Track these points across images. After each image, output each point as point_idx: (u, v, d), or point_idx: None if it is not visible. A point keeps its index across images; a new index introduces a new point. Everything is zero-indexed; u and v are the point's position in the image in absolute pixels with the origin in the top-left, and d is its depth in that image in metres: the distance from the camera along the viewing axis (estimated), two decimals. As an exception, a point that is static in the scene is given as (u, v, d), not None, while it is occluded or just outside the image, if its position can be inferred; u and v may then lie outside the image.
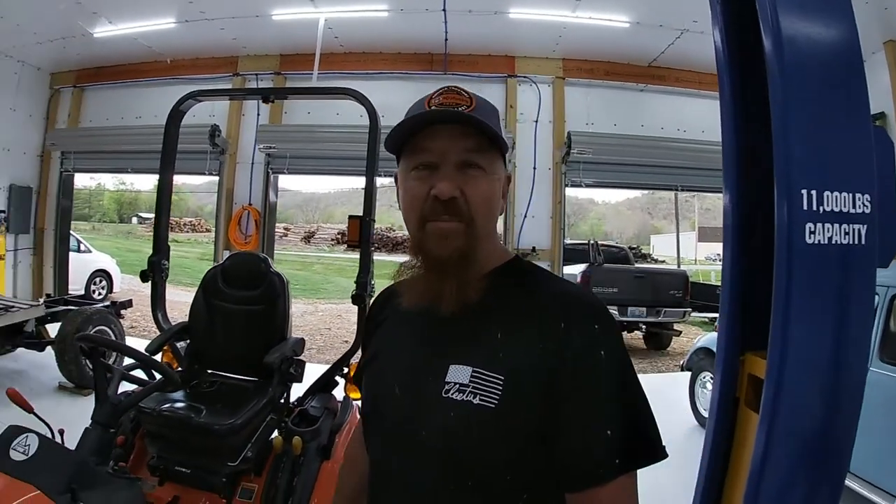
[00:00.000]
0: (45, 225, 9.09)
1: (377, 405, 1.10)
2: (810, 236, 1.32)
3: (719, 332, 1.59)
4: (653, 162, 7.51)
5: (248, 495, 2.46)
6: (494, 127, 0.99)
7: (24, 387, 5.58)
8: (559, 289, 1.02)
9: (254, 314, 2.96)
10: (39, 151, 9.02)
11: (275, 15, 6.96)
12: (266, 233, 8.18)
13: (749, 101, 1.55)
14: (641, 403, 0.93)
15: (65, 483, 1.53)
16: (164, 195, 3.23)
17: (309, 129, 7.59)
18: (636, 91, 7.97)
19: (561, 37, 7.23)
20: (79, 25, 7.32)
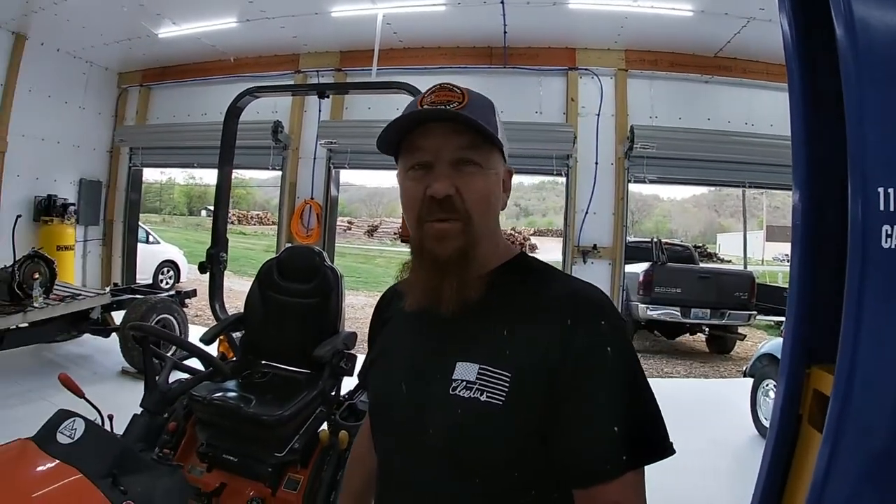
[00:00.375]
0: (114, 217, 9.55)
1: (384, 403, 1.11)
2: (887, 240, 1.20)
3: (784, 342, 1.49)
4: (719, 157, 7.19)
5: (294, 486, 2.48)
6: (489, 122, 0.99)
7: (89, 371, 5.94)
8: (566, 285, 1.01)
9: (307, 307, 3.00)
10: (108, 147, 9.48)
11: (334, 12, 7.03)
12: (327, 226, 8.31)
13: (821, 93, 1.47)
14: (648, 400, 0.92)
15: (107, 468, 1.55)
16: (223, 189, 3.32)
17: (369, 125, 7.63)
18: (701, 83, 7.65)
19: (623, 27, 7.01)
20: (143, 27, 7.61)
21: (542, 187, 50.69)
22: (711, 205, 49.85)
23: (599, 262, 7.43)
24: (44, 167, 8.39)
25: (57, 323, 5.72)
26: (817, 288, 1.42)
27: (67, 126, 8.71)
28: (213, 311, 3.23)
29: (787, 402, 1.44)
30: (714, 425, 5.27)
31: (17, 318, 5.19)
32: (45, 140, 8.34)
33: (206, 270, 3.20)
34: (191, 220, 42.29)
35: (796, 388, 1.43)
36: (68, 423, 1.65)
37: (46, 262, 5.60)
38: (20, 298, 5.32)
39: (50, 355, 6.37)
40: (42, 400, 4.85)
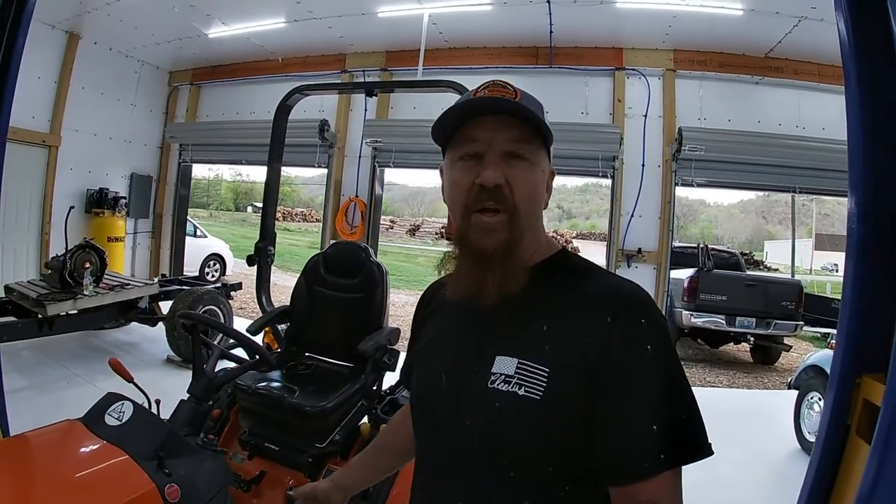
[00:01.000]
0: (163, 210, 9.87)
1: (425, 395, 1.12)
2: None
3: (836, 349, 1.46)
4: (769, 161, 6.96)
5: None
6: (540, 117, 1.00)
7: (135, 358, 6.14)
8: (606, 282, 1.01)
9: (352, 301, 3.04)
10: (159, 143, 9.81)
11: (380, 12, 7.10)
12: (371, 224, 8.41)
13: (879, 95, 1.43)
14: (688, 399, 0.91)
15: (153, 450, 1.60)
16: (272, 185, 3.39)
17: (414, 124, 7.67)
18: (751, 84, 7.44)
19: (671, 26, 6.88)
20: (194, 27, 7.82)
21: (585, 189, 50.21)
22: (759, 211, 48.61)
23: (644, 267, 7.33)
24: (96, 161, 8.71)
25: (106, 311, 5.96)
26: (871, 295, 1.39)
27: (119, 122, 9.04)
28: (260, 303, 3.32)
29: (836, 412, 1.41)
30: (756, 437, 5.16)
31: (68, 305, 5.41)
32: (97, 135, 8.67)
33: (255, 263, 3.28)
34: (237, 215, 43.25)
35: (846, 396, 1.40)
36: (116, 405, 1.71)
37: (97, 252, 5.85)
38: (71, 286, 5.56)
39: (97, 342, 6.63)
40: (89, 384, 5.09)
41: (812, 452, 1.47)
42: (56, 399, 4.71)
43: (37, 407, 4.26)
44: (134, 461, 1.54)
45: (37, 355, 5.72)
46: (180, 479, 1.58)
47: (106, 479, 1.48)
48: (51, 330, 5.37)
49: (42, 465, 1.50)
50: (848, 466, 1.38)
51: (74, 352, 6.11)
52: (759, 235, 45.86)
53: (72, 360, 5.81)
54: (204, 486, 1.65)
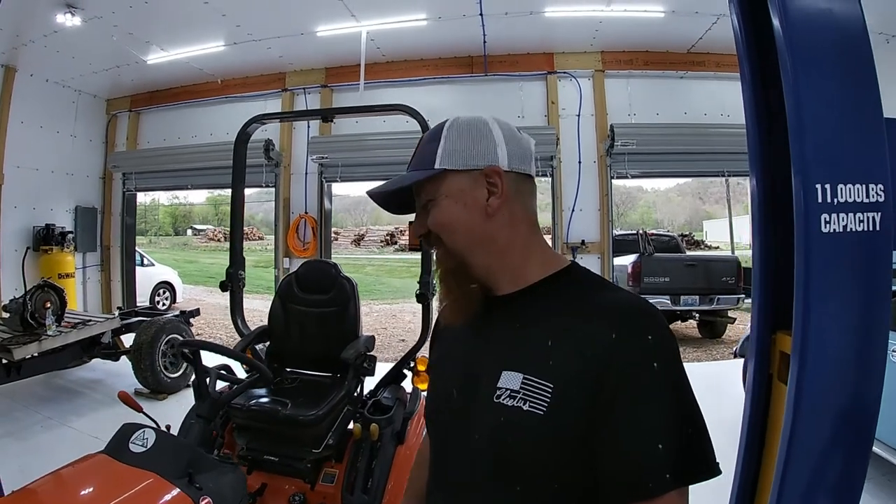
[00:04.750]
0: (110, 242, 9.64)
1: (435, 408, 1.16)
2: (826, 226, 1.46)
3: (752, 313, 1.73)
4: (698, 149, 7.44)
5: (331, 479, 2.72)
6: (422, 156, 1.09)
7: (103, 394, 6.06)
8: (612, 297, 1.00)
9: (327, 316, 3.23)
10: (101, 174, 9.56)
11: (319, 31, 7.24)
12: (323, 239, 8.50)
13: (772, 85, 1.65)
14: (695, 418, 0.91)
15: (182, 468, 1.74)
16: (237, 212, 3.52)
17: (358, 138, 7.85)
18: (676, 79, 7.94)
19: (598, 31, 7.29)
20: (132, 54, 7.76)
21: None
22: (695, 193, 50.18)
23: (588, 257, 7.66)
24: (40, 197, 8.48)
25: (70, 349, 5.87)
26: (777, 264, 1.65)
27: (60, 155, 8.82)
28: (236, 325, 3.44)
29: (759, 364, 1.69)
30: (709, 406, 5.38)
31: (33, 347, 5.32)
32: (39, 170, 8.44)
33: (227, 289, 3.41)
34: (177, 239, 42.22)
35: (765, 350, 1.68)
36: (139, 433, 1.83)
37: (56, 291, 5.78)
38: (33, 328, 5.48)
39: (61, 382, 6.47)
40: (64, 426, 5.05)
41: (744, 400, 1.76)
42: (34, 444, 4.66)
43: (17, 453, 4.26)
44: (167, 481, 1.67)
45: (5, 402, 5.58)
46: (210, 491, 1.73)
47: (148, 500, 1.62)
48: (18, 374, 5.29)
49: (84, 496, 1.63)
50: (775, 406, 1.65)
51: (41, 395, 6.01)
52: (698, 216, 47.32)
53: (40, 403, 5.72)
54: (230, 496, 1.81)
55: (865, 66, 1.57)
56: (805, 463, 1.49)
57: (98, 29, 6.75)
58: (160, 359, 6.07)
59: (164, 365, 6.13)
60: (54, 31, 6.76)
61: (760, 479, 1.69)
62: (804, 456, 1.49)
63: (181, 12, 6.66)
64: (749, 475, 1.71)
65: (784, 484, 1.49)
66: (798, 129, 1.52)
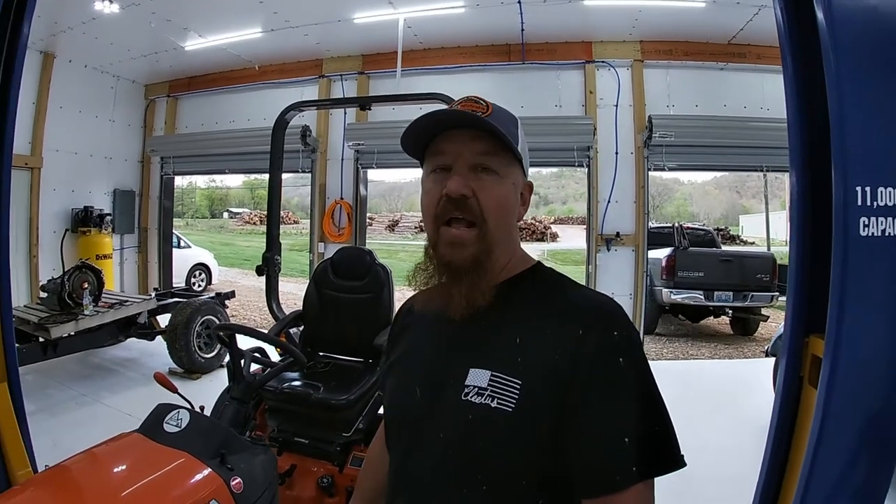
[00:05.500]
0: (148, 224, 9.93)
1: (398, 407, 1.14)
2: (864, 229, 1.44)
3: (786, 315, 1.71)
4: (736, 143, 7.30)
5: (359, 463, 2.74)
6: (509, 133, 1.02)
7: (137, 373, 6.24)
8: (579, 295, 1.02)
9: (361, 302, 3.28)
10: (139, 157, 9.87)
11: (356, 18, 7.28)
12: (358, 224, 8.60)
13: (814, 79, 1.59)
14: (660, 411, 0.93)
15: (214, 449, 1.78)
16: (275, 197, 3.59)
17: (394, 125, 7.84)
18: (716, 70, 7.77)
19: (637, 20, 7.18)
20: (170, 40, 7.93)
21: (560, 175, 50.23)
22: (732, 186, 49.15)
23: (623, 250, 7.61)
24: (78, 180, 8.75)
25: (107, 329, 6.05)
26: (813, 266, 1.61)
27: (99, 139, 9.10)
28: (271, 310, 3.53)
29: (791, 367, 1.67)
30: (738, 404, 5.41)
31: (70, 327, 5.49)
32: (78, 154, 8.73)
33: (264, 273, 3.49)
34: (213, 222, 42.79)
35: (797, 353, 1.66)
36: (173, 414, 1.88)
37: (94, 272, 5.96)
38: (71, 307, 5.67)
39: (97, 360, 6.67)
40: (97, 403, 5.22)
41: (773, 403, 1.74)
42: (68, 420, 4.79)
43: (50, 429, 4.37)
44: (199, 460, 1.72)
45: (41, 379, 5.76)
46: (241, 472, 1.78)
47: (180, 479, 1.67)
48: (55, 352, 5.46)
49: (118, 473, 1.69)
50: (804, 410, 1.64)
51: (77, 372, 6.18)
52: (734, 210, 46.34)
53: (75, 380, 5.89)
54: (260, 477, 1.85)
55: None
56: (830, 467, 1.48)
57: (136, 16, 6.91)
58: (195, 339, 6.21)
59: (199, 346, 6.28)
60: (92, 18, 6.94)
61: (785, 481, 1.68)
62: (830, 460, 1.48)
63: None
64: (774, 476, 1.71)
65: (808, 487, 1.48)
66: (840, 128, 1.49)
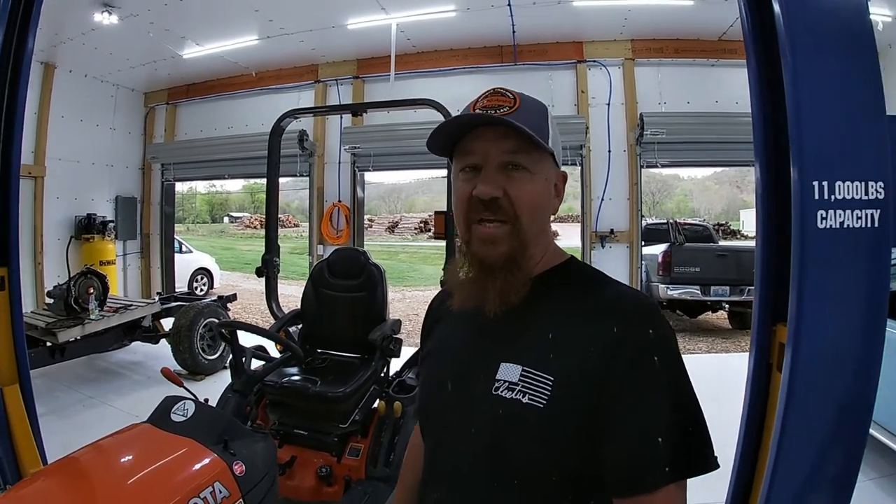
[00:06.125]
0: (150, 230, 10.04)
1: (431, 400, 1.13)
2: (822, 222, 1.52)
3: (754, 306, 1.79)
4: (730, 138, 7.27)
5: (356, 453, 2.90)
6: (540, 127, 1.00)
7: (143, 375, 6.31)
8: (614, 291, 0.99)
9: (357, 300, 3.40)
10: (140, 164, 9.99)
11: (350, 24, 7.39)
12: (356, 226, 8.71)
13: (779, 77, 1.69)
14: (694, 412, 0.90)
15: (218, 436, 1.90)
16: (272, 201, 3.69)
17: (389, 129, 8.00)
18: (707, 67, 7.84)
19: (627, 19, 7.28)
20: (168, 49, 8.06)
21: (558, 174, 50.04)
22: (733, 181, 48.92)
23: (617, 246, 7.70)
24: (81, 188, 8.86)
25: (112, 333, 6.15)
26: (779, 257, 1.69)
27: (100, 147, 9.21)
28: (270, 309, 3.63)
29: (760, 355, 1.76)
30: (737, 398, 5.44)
31: (77, 331, 5.60)
32: (80, 162, 8.84)
33: (263, 274, 3.60)
34: (214, 227, 42.95)
35: (766, 342, 1.74)
36: (179, 405, 2.00)
37: (99, 277, 6.06)
38: (77, 312, 5.76)
39: (103, 364, 6.74)
40: (104, 405, 5.30)
41: (745, 387, 1.83)
42: (76, 422, 4.87)
43: (59, 430, 4.41)
44: (205, 447, 1.84)
45: (48, 382, 5.82)
46: (243, 457, 1.89)
47: (186, 463, 1.78)
48: (62, 356, 5.56)
49: (130, 459, 1.80)
50: (774, 396, 1.72)
51: (83, 375, 6.26)
52: (735, 205, 46.18)
53: (82, 383, 5.97)
54: (261, 463, 1.96)
55: (869, 61, 1.61)
56: (798, 448, 1.56)
57: (134, 26, 7.03)
58: (198, 341, 6.30)
59: (202, 347, 6.36)
60: (92, 29, 7.06)
61: (758, 464, 1.76)
62: (797, 442, 1.56)
63: (215, 8, 6.90)
64: (748, 459, 1.79)
65: (777, 468, 1.56)
66: (797, 124, 1.57)
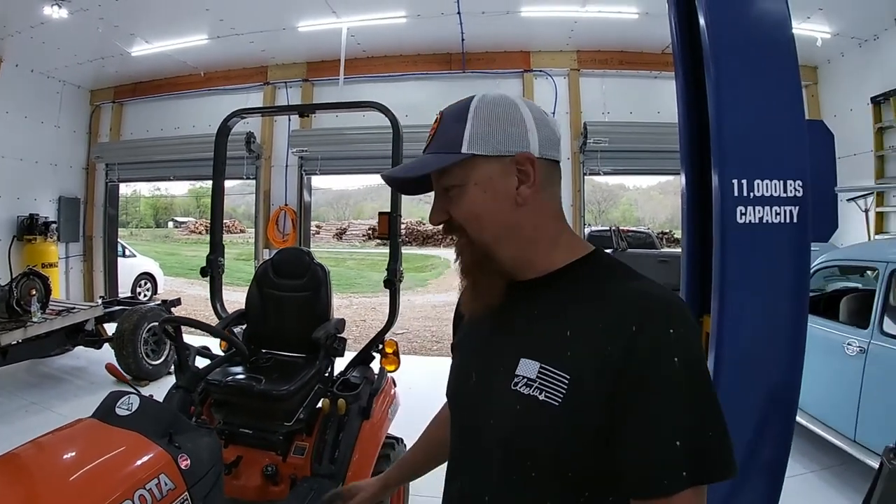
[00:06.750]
0: (93, 233, 9.76)
1: (457, 389, 1.14)
2: (741, 217, 1.64)
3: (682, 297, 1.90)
4: (671, 147, 7.54)
5: (301, 452, 2.89)
6: (452, 136, 0.99)
7: (86, 381, 6.12)
8: (636, 288, 0.95)
9: (301, 300, 3.39)
10: (85, 164, 9.70)
11: (301, 27, 7.41)
12: (302, 231, 8.66)
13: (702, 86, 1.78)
14: (715, 416, 0.86)
15: (163, 429, 1.90)
16: (218, 202, 3.66)
17: (337, 132, 8.03)
18: (650, 78, 8.16)
19: (573, 30, 7.54)
20: (117, 46, 7.90)
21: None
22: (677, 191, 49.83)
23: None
24: (24, 187, 8.58)
25: (55, 336, 5.97)
26: (704, 252, 1.81)
27: (44, 145, 8.93)
28: (215, 310, 3.59)
29: None
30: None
31: (19, 334, 5.41)
32: (23, 160, 8.57)
33: (207, 274, 3.57)
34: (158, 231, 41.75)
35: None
36: (124, 399, 1.98)
37: (41, 279, 5.84)
38: (19, 314, 5.54)
39: (45, 369, 6.54)
40: (48, 411, 5.15)
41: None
42: (21, 427, 4.70)
43: (3, 435, 4.26)
44: (150, 440, 1.84)
45: (-11, 387, 5.61)
46: (188, 450, 1.89)
47: (131, 456, 1.78)
48: (4, 360, 5.38)
49: (75, 456, 1.78)
50: None
51: (26, 381, 6.07)
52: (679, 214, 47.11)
53: (25, 389, 5.79)
54: (206, 457, 1.97)
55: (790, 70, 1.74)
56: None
57: (84, 21, 6.86)
58: (142, 346, 6.17)
59: (146, 353, 6.23)
60: (41, 23, 6.87)
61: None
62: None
63: (166, 6, 6.82)
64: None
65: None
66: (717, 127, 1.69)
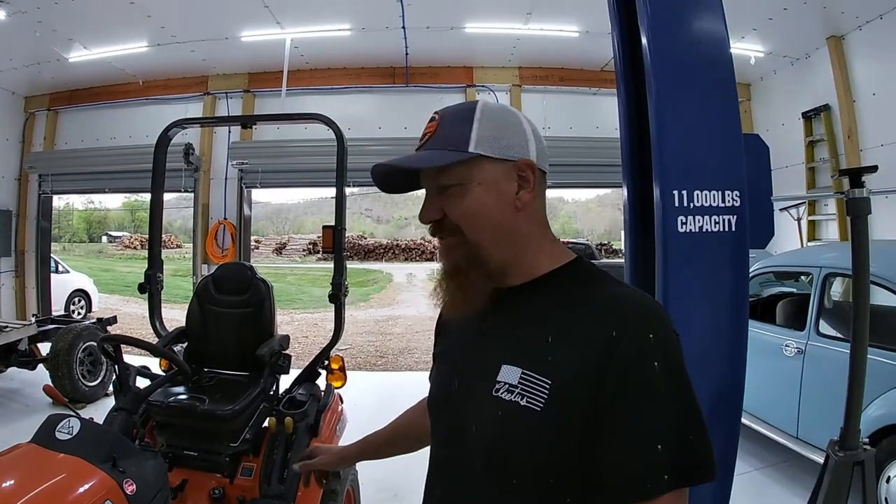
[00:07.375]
0: (25, 247, 9.27)
1: (438, 396, 1.14)
2: (682, 226, 1.70)
3: None
4: (609, 162, 7.71)
5: (249, 473, 2.80)
6: (458, 135, 1.00)
7: (20, 404, 5.84)
8: (616, 293, 0.97)
9: (244, 316, 3.30)
10: (17, 175, 9.21)
11: (243, 37, 7.30)
12: (242, 245, 8.48)
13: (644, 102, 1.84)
14: (695, 419, 0.88)
15: (107, 453, 1.83)
16: (156, 215, 3.54)
17: (279, 145, 7.93)
18: (589, 95, 8.43)
19: (515, 47, 7.70)
20: (54, 51, 7.59)
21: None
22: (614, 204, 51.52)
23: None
24: (-47, 198, 8.04)
25: (-15, 357, 5.61)
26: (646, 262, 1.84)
27: (-25, 154, 8.40)
28: (154, 328, 3.45)
29: None
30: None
31: (-53, 355, 5.06)
32: (-47, 170, 8.03)
33: (146, 290, 3.42)
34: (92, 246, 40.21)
35: None
36: (64, 422, 1.89)
37: (-29, 298, 5.55)
38: (-53, 333, 5.22)
39: (-23, 392, 6.17)
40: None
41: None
42: None
43: None
44: (93, 465, 1.76)
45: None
46: (133, 475, 1.83)
47: (74, 483, 1.69)
48: (-67, 382, 5.02)
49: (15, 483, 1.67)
50: None
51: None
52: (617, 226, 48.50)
53: (-42, 413, 5.44)
54: (152, 480, 1.91)
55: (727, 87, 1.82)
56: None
57: (21, 23, 6.60)
58: (78, 366, 5.93)
59: (83, 373, 6.00)
60: (-25, 26, 6.53)
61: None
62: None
63: (107, 11, 6.60)
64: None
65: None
66: (658, 141, 1.75)
